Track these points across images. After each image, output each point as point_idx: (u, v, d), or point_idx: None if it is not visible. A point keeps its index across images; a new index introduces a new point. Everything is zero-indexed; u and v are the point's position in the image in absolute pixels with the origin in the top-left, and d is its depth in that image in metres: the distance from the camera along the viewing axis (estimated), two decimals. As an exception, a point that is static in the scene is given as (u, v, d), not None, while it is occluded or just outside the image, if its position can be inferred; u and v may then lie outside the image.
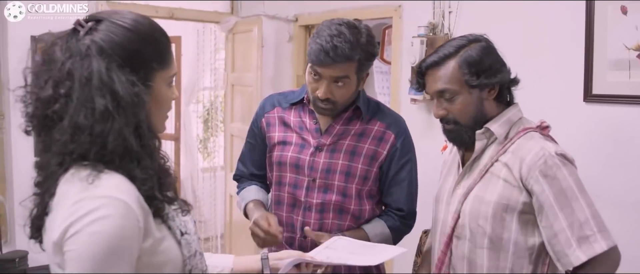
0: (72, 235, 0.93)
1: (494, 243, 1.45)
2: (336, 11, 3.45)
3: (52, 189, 1.01)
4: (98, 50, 1.00)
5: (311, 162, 1.74)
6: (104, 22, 1.04)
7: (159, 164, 1.07)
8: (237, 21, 3.91)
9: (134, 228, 0.96)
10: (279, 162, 1.79)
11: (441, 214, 1.61)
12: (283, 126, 1.82)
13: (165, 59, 1.08)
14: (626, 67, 2.12)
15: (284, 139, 1.80)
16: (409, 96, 2.85)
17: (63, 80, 0.99)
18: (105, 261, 0.93)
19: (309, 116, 1.79)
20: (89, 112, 0.97)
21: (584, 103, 2.26)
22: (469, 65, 1.46)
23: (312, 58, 1.62)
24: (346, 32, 1.60)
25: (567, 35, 2.30)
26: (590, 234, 1.36)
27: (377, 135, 1.75)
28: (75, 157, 0.99)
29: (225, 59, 4.29)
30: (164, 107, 1.12)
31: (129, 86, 0.99)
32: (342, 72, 1.62)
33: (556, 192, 1.38)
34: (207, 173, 5.28)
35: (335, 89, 1.65)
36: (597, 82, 2.21)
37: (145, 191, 1.02)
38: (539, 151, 1.41)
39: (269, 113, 1.87)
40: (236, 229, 4.16)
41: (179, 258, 1.07)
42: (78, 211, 0.93)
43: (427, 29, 2.81)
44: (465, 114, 1.49)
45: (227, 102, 4.23)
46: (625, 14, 2.11)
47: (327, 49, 1.58)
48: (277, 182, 1.82)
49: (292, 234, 1.80)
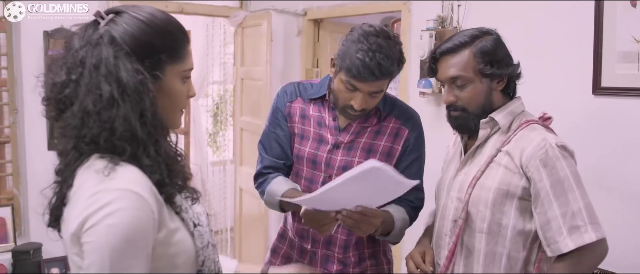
0: (89, 227, 0.95)
1: (492, 228, 1.51)
2: (345, 5, 3.46)
3: (69, 179, 1.04)
4: (109, 39, 1.03)
5: (328, 159, 1.76)
6: (123, 15, 1.07)
7: (166, 151, 1.09)
8: (246, 15, 3.93)
9: (148, 219, 0.99)
10: (297, 155, 1.81)
11: (442, 199, 1.66)
12: (302, 118, 1.82)
13: (177, 53, 1.10)
14: (635, 59, 2.12)
15: (302, 132, 1.81)
16: (418, 89, 2.86)
17: (76, 66, 1.03)
18: (122, 252, 0.95)
19: (328, 112, 1.78)
20: (97, 98, 1.00)
21: (592, 95, 2.26)
22: (483, 54, 1.51)
23: (354, 73, 1.57)
24: (385, 46, 1.57)
25: (576, 28, 2.30)
26: (582, 225, 1.41)
27: (392, 131, 1.76)
28: (87, 142, 1.02)
29: (234, 53, 4.31)
30: (177, 102, 1.13)
31: (133, 73, 1.02)
32: (380, 87, 1.62)
33: (553, 181, 1.43)
34: (216, 167, 5.32)
35: (369, 100, 1.64)
36: (605, 74, 2.21)
37: (155, 178, 1.04)
38: (540, 141, 1.46)
39: (292, 103, 1.84)
40: (246, 223, 4.19)
41: (192, 249, 1.09)
42: (95, 204, 0.96)
43: (435, 22, 2.82)
44: (475, 102, 1.54)
45: (237, 96, 4.25)
46: (635, 7, 2.11)
47: (371, 66, 1.54)
48: (294, 173, 1.84)
49: (304, 225, 1.82)
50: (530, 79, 1.60)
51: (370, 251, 1.84)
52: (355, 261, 1.81)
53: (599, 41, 2.22)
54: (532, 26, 2.46)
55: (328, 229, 1.58)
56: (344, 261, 1.81)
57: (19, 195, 3.15)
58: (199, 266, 1.11)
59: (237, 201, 4.28)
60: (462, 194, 1.57)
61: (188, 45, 1.13)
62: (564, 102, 2.31)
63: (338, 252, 1.80)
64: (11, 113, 3.15)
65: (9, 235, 3.06)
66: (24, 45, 3.07)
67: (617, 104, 2.20)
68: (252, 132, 3.93)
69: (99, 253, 0.95)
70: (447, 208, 1.63)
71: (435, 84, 2.79)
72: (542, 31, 2.44)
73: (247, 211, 4.16)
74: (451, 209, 1.61)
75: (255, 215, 3.95)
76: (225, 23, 4.52)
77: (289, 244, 1.90)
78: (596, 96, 2.26)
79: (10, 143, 3.18)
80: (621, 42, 2.15)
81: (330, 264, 1.81)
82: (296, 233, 1.85)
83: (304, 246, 1.83)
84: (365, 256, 1.83)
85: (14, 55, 3.11)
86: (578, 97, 2.30)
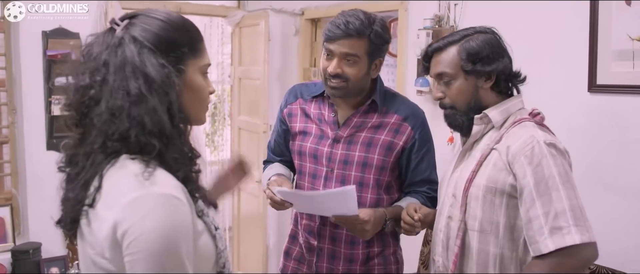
0: (135, 236, 0.94)
1: (484, 226, 1.49)
2: (343, 4, 3.47)
3: (96, 181, 1.02)
4: (131, 39, 1.05)
5: (329, 153, 1.79)
6: (139, 17, 1.10)
7: (190, 146, 1.11)
8: (244, 15, 3.95)
9: (190, 224, 1.00)
10: (300, 151, 1.85)
11: (441, 197, 1.67)
12: (304, 116, 1.87)
13: (197, 48, 1.13)
14: (630, 57, 2.14)
15: (305, 129, 1.86)
16: (415, 88, 2.88)
17: (99, 68, 1.04)
18: (170, 258, 0.95)
19: (327, 108, 1.83)
20: (124, 95, 1.01)
21: (588, 93, 2.28)
22: (467, 52, 1.53)
23: (325, 33, 1.70)
24: (360, 14, 1.69)
25: (572, 27, 2.32)
26: (565, 226, 1.36)
27: (394, 127, 1.78)
28: (116, 139, 1.01)
29: (232, 53, 4.32)
30: (200, 97, 1.14)
31: (159, 68, 1.03)
32: (352, 49, 1.68)
33: (537, 179, 1.40)
34: (214, 166, 5.32)
35: (345, 66, 1.69)
36: (601, 72, 2.23)
37: (181, 175, 1.05)
38: (528, 138, 1.45)
39: (292, 104, 1.91)
40: (244, 222, 4.20)
41: (213, 252, 1.10)
42: (139, 209, 0.95)
43: (432, 21, 2.84)
44: (461, 99, 1.56)
45: (235, 96, 4.27)
46: (630, 5, 2.13)
47: (338, 23, 1.67)
48: (298, 171, 1.89)
49: (311, 221, 1.84)
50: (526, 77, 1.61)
51: (379, 249, 1.85)
52: (363, 259, 1.82)
53: (594, 39, 2.23)
54: (528, 25, 2.48)
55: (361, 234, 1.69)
56: (351, 257, 1.82)
57: (17, 195, 3.16)
58: (220, 268, 1.12)
59: (236, 201, 4.29)
60: (457, 191, 1.57)
61: (203, 41, 1.16)
62: (560, 100, 2.32)
63: (345, 248, 1.81)
64: (10, 113, 3.16)
65: (8, 235, 3.06)
66: (22, 45, 3.08)
67: (613, 102, 2.22)
68: (250, 131, 3.95)
69: (148, 261, 0.94)
70: (444, 204, 1.63)
71: (432, 82, 2.81)
72: (538, 30, 2.45)
73: (245, 211, 4.17)
74: (446, 206, 1.61)
75: (254, 215, 3.96)
76: (223, 23, 4.53)
77: (299, 245, 1.92)
78: (592, 94, 2.28)
79: (9, 143, 3.19)
80: (616, 40, 2.17)
81: (337, 261, 1.83)
82: (304, 229, 1.87)
83: (311, 242, 1.85)
84: (374, 255, 1.84)
85: (12, 55, 3.12)
86: (574, 95, 2.32)
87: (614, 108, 2.22)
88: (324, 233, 1.81)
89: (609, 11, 2.18)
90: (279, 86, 3.95)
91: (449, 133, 2.58)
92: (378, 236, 1.81)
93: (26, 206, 3.13)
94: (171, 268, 0.96)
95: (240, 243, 4.27)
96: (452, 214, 1.58)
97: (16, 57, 3.10)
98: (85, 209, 1.03)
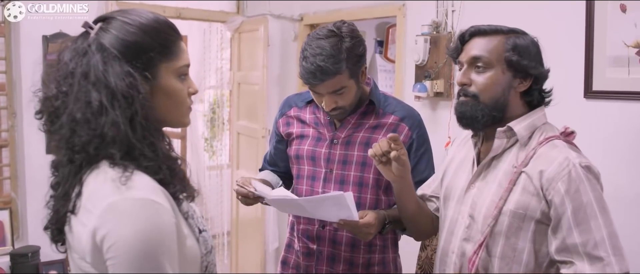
0: (113, 242, 0.94)
1: (506, 253, 1.40)
2: (341, 10, 3.49)
3: (77, 188, 1.03)
4: (98, 47, 1.03)
5: (327, 155, 1.80)
6: (111, 21, 1.07)
7: (164, 152, 1.08)
8: (243, 21, 3.97)
9: (169, 226, 0.99)
10: (297, 155, 1.85)
11: (450, 211, 1.55)
12: (300, 123, 1.88)
13: (169, 50, 1.09)
14: (625, 64, 2.17)
15: (302, 133, 1.86)
16: (413, 93, 2.90)
17: (66, 78, 1.03)
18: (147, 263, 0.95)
19: (322, 112, 1.83)
20: (85, 107, 1.00)
21: (584, 99, 2.31)
22: (514, 45, 1.42)
23: (305, 80, 1.65)
24: (327, 47, 1.60)
25: (568, 33, 2.35)
26: (605, 256, 1.29)
27: (391, 127, 1.79)
28: (77, 150, 1.01)
29: (231, 58, 4.34)
30: (176, 100, 1.11)
31: (123, 77, 1.01)
32: (336, 86, 1.64)
33: (575, 207, 1.31)
34: (213, 171, 5.33)
35: (338, 98, 1.68)
36: (597, 78, 2.25)
37: (158, 178, 1.04)
38: (562, 160, 1.34)
39: (287, 113, 1.92)
40: (242, 227, 4.21)
41: (198, 255, 1.09)
42: (114, 215, 0.95)
43: (430, 27, 2.86)
44: (489, 91, 1.42)
45: (233, 101, 4.28)
46: (625, 12, 2.16)
47: (312, 70, 1.60)
48: (297, 175, 1.88)
49: (309, 226, 1.85)
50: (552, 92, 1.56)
51: (380, 256, 1.85)
52: (364, 263, 1.82)
53: (590, 46, 2.26)
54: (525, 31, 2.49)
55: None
56: (351, 260, 1.81)
57: (16, 198, 3.17)
58: (202, 271, 1.12)
59: (234, 206, 4.29)
60: (476, 213, 1.45)
61: (180, 41, 1.12)
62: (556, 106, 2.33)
63: (345, 250, 1.81)
64: (9, 117, 3.16)
65: (7, 238, 3.07)
66: (23, 49, 3.08)
67: (608, 108, 2.24)
68: (249, 136, 3.96)
69: (127, 265, 0.94)
70: (457, 223, 1.51)
71: (430, 87, 2.83)
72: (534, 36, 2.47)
73: (243, 215, 4.17)
74: (461, 226, 1.49)
75: (252, 219, 3.97)
76: (222, 28, 4.55)
77: (296, 253, 1.92)
78: (588, 100, 2.30)
79: (9, 147, 3.20)
80: (612, 46, 2.20)
81: (337, 264, 1.82)
82: (302, 234, 1.87)
83: (310, 246, 1.84)
84: (374, 261, 1.84)
85: (12, 59, 3.13)
86: (570, 100, 2.33)
87: (610, 114, 2.24)
88: (323, 236, 1.82)
89: (605, 18, 2.21)
90: (278, 91, 3.97)
91: (447, 138, 2.60)
92: (379, 243, 1.82)
93: (25, 210, 3.13)
94: (150, 271, 0.95)
95: (239, 247, 4.27)
96: (469, 236, 1.47)
97: (16, 61, 3.11)
98: (68, 215, 1.03)
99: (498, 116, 1.44)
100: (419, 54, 2.84)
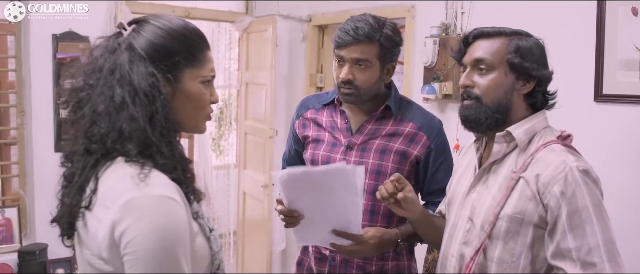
0: (132, 237, 0.96)
1: (503, 257, 1.39)
2: (350, 11, 3.48)
3: (92, 183, 1.04)
4: (127, 46, 1.08)
5: (342, 161, 1.75)
6: (143, 24, 1.12)
7: (180, 152, 1.11)
8: (251, 21, 3.97)
9: (185, 224, 1.01)
10: (312, 160, 1.83)
11: (452, 215, 1.55)
12: (316, 125, 1.86)
13: (195, 57, 1.13)
14: (636, 67, 2.15)
15: (317, 137, 1.84)
16: (422, 95, 2.89)
17: (94, 73, 1.08)
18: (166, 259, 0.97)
19: (340, 116, 1.81)
20: (108, 100, 1.04)
21: (594, 103, 2.29)
22: (517, 47, 1.42)
23: (335, 40, 1.69)
24: (370, 18, 1.69)
25: (578, 36, 2.33)
26: (598, 262, 1.27)
27: (409, 136, 1.75)
28: (95, 141, 1.04)
29: (239, 58, 4.35)
30: (197, 105, 1.14)
31: (146, 76, 1.05)
32: (362, 55, 1.66)
33: (570, 211, 1.29)
34: (220, 171, 5.35)
35: (356, 72, 1.68)
36: (607, 82, 2.24)
37: (174, 178, 1.06)
38: (559, 164, 1.32)
39: (303, 115, 1.90)
40: (249, 226, 4.21)
41: (208, 253, 1.11)
42: (134, 211, 0.97)
43: (439, 29, 2.85)
44: (492, 93, 1.42)
45: (241, 101, 4.29)
46: (636, 15, 2.14)
47: (347, 29, 1.67)
48: None
49: None
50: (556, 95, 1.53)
51: (394, 263, 1.81)
52: (377, 271, 1.79)
53: (600, 49, 2.24)
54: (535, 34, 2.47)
55: None
56: (363, 266, 1.78)
57: (25, 196, 3.18)
58: (214, 269, 1.13)
59: (240, 205, 4.30)
60: (475, 216, 1.45)
61: (207, 51, 1.15)
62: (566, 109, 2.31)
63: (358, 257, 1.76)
64: (18, 115, 3.18)
65: (15, 236, 3.09)
66: (32, 48, 3.10)
67: (619, 111, 2.23)
68: (256, 136, 3.96)
69: (146, 261, 0.96)
70: (457, 227, 1.51)
71: (439, 89, 2.82)
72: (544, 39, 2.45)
73: (250, 215, 4.18)
74: (461, 230, 1.49)
75: (259, 219, 3.97)
76: (231, 28, 4.56)
77: (310, 257, 1.89)
78: (598, 103, 2.28)
79: (17, 145, 3.22)
80: (623, 50, 2.18)
81: (350, 269, 1.79)
82: None
83: (322, 252, 1.82)
84: (388, 268, 1.80)
85: (22, 57, 3.15)
86: (580, 104, 2.32)
87: (620, 117, 2.22)
88: None
89: (616, 21, 2.19)
90: (286, 91, 3.97)
91: (455, 140, 2.59)
92: (392, 251, 1.78)
93: (33, 208, 3.15)
94: (168, 267, 0.97)
95: (245, 247, 4.28)
96: (467, 240, 1.46)
97: (26, 59, 3.13)
98: (82, 211, 1.05)
99: (501, 118, 1.43)
100: (428, 56, 2.83)
